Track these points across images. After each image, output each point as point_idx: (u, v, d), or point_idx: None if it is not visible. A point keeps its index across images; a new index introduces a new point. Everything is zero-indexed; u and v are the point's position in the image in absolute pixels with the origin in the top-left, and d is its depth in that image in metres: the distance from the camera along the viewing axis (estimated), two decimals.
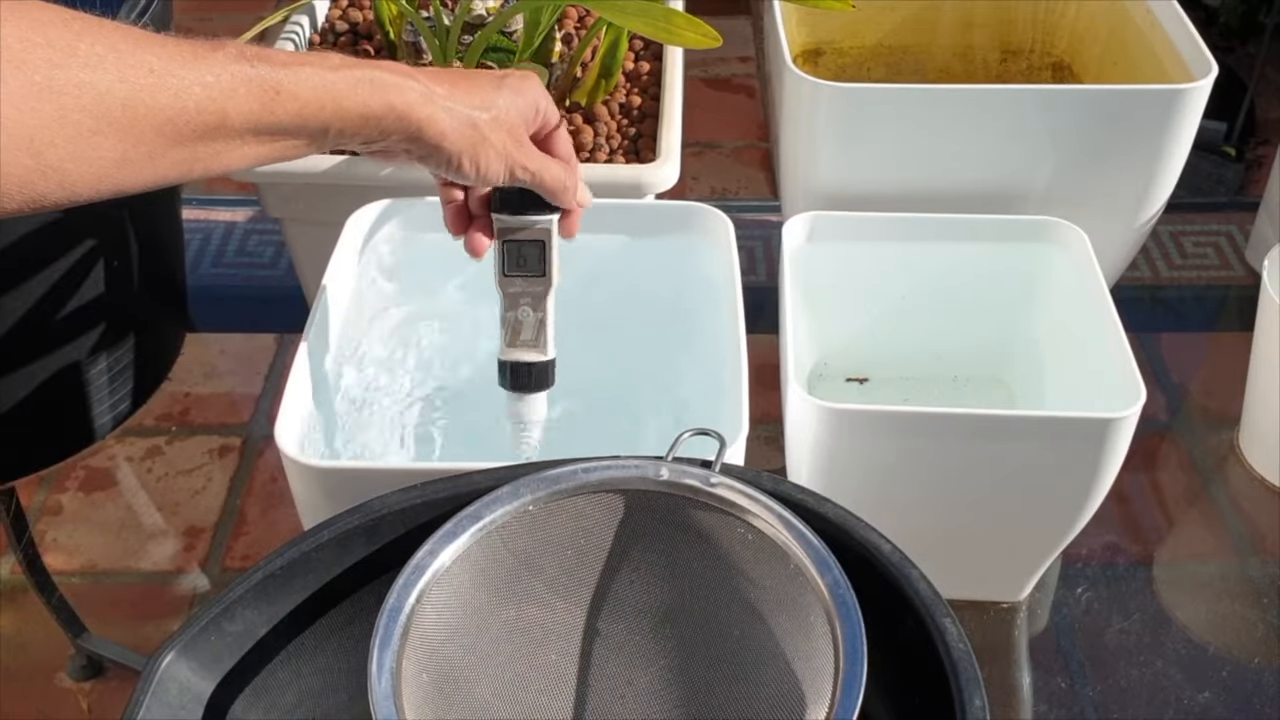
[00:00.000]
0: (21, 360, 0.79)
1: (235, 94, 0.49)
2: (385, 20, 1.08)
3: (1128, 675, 0.94)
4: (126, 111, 0.46)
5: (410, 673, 0.53)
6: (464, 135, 0.59)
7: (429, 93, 0.57)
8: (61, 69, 0.44)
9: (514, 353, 0.70)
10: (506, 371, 0.71)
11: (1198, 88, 0.99)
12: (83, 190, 0.46)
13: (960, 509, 0.88)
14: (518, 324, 0.70)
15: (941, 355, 1.07)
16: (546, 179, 0.65)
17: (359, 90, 0.54)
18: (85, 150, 0.45)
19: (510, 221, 0.68)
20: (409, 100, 0.56)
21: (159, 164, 0.48)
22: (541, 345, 0.70)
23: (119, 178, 0.47)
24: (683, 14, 0.84)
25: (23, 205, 0.44)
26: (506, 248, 0.69)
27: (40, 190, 0.44)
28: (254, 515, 1.07)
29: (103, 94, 0.45)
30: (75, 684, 0.94)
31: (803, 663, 0.54)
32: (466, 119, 0.59)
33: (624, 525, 0.59)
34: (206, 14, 1.67)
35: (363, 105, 0.55)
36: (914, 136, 1.01)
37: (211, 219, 1.39)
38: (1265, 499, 1.08)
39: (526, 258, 0.69)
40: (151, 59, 0.46)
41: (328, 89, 0.53)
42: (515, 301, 0.70)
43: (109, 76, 0.45)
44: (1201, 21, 1.48)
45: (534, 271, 0.69)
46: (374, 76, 0.55)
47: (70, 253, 0.78)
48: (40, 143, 0.43)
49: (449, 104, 0.58)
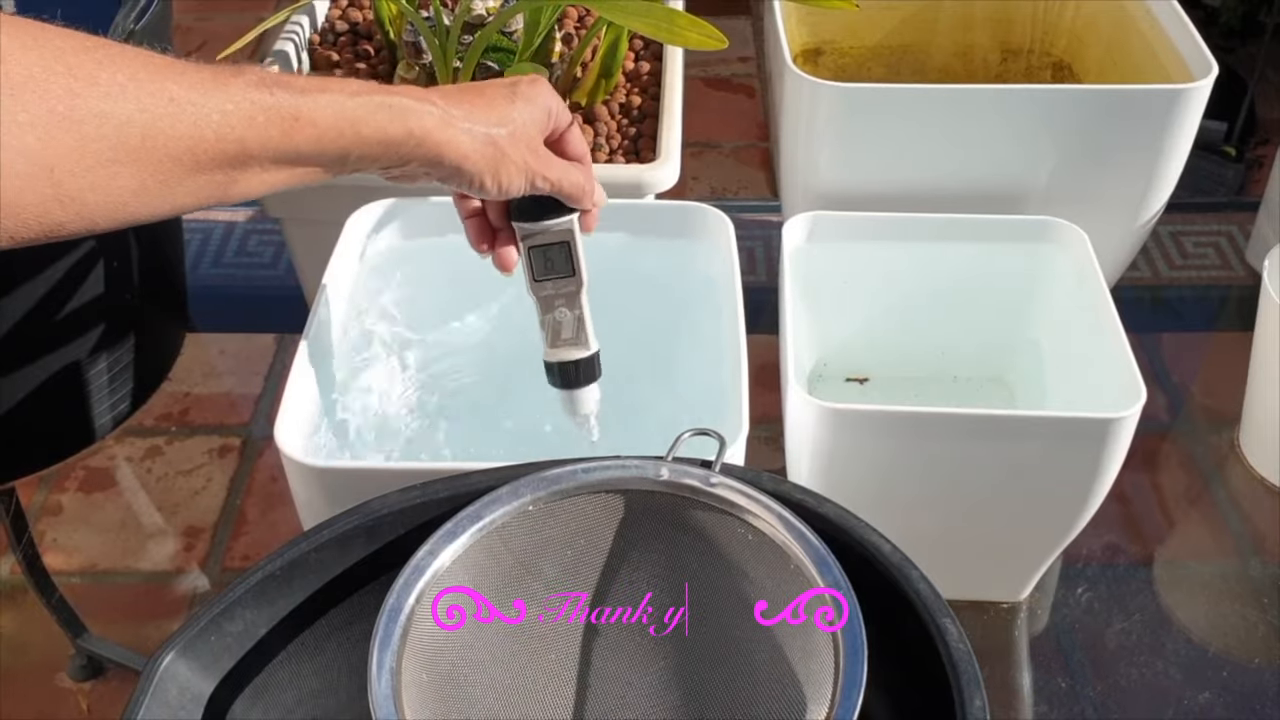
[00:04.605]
0: (21, 360, 0.79)
1: (254, 121, 0.49)
2: (385, 20, 1.08)
3: (1128, 675, 0.94)
4: (146, 141, 0.45)
5: (410, 673, 0.53)
6: (484, 155, 0.59)
7: (447, 116, 0.57)
8: (82, 98, 0.43)
9: (558, 353, 0.71)
10: (555, 371, 0.71)
11: (1198, 88, 0.99)
12: (101, 219, 0.46)
13: (960, 509, 0.88)
14: (557, 325, 0.70)
15: (942, 355, 1.07)
16: (566, 185, 0.65)
17: (378, 116, 0.54)
18: (104, 180, 0.45)
19: (533, 228, 0.68)
20: (427, 125, 0.56)
21: (177, 192, 0.48)
22: (583, 341, 0.71)
23: (136, 206, 0.47)
24: (685, 14, 0.84)
25: (40, 234, 0.44)
26: (533, 254, 0.69)
27: (58, 219, 0.44)
28: (254, 515, 1.07)
29: (123, 124, 0.44)
30: (75, 684, 0.94)
31: (803, 663, 0.54)
32: (485, 138, 0.59)
33: (624, 525, 0.59)
34: (206, 14, 1.67)
35: (381, 131, 0.54)
36: (914, 136, 1.01)
37: (211, 219, 1.39)
38: (1265, 499, 1.08)
39: (554, 260, 0.69)
40: (172, 87, 0.46)
41: (346, 115, 0.53)
42: (550, 304, 0.70)
43: (129, 106, 0.45)
44: (1202, 21, 1.48)
45: (564, 272, 0.69)
46: (392, 102, 0.55)
47: (70, 253, 0.78)
48: (60, 172, 0.43)
49: (467, 125, 0.58)
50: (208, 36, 1.64)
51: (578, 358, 0.71)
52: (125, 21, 0.79)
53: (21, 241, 0.44)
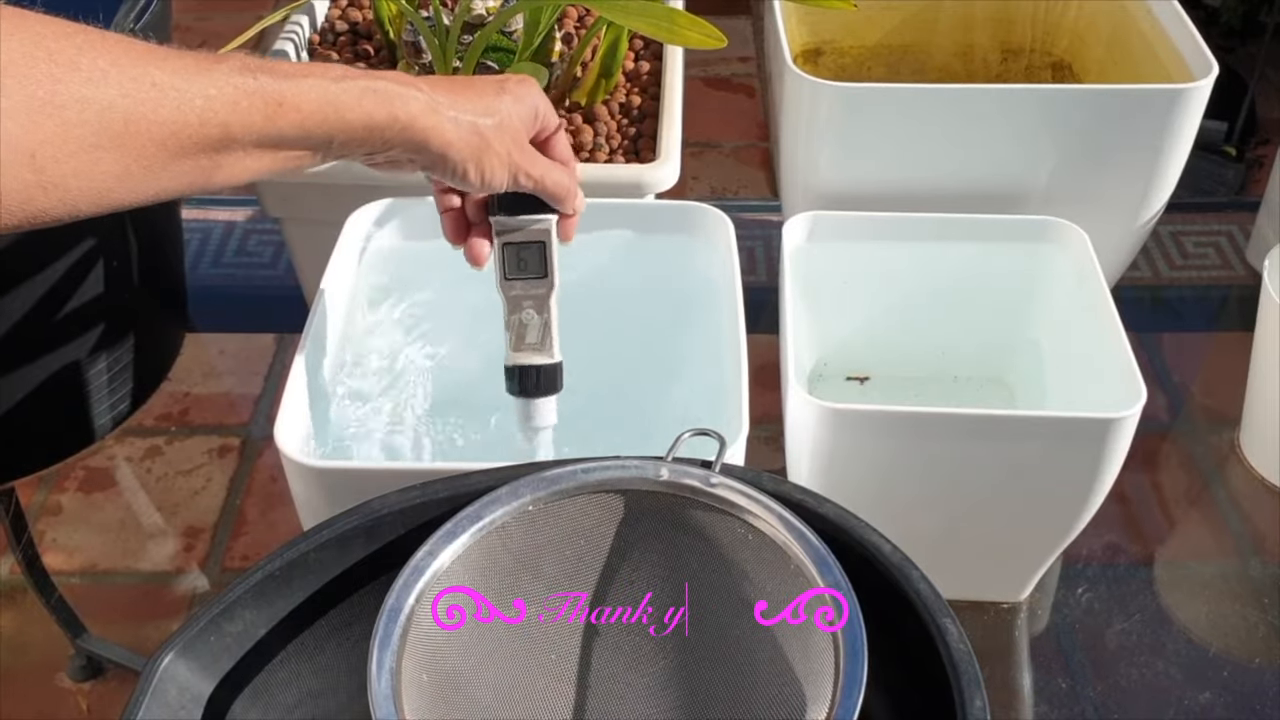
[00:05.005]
0: (21, 360, 0.79)
1: (237, 106, 0.49)
2: (385, 20, 1.08)
3: (1128, 676, 0.94)
4: (129, 126, 0.45)
5: (410, 673, 0.53)
6: (469, 143, 0.59)
7: (433, 102, 0.57)
8: (64, 84, 0.43)
9: (520, 357, 0.70)
10: (514, 376, 0.70)
11: (1198, 87, 0.99)
12: (84, 205, 0.46)
13: (960, 509, 0.88)
14: (522, 327, 0.70)
15: (942, 355, 1.07)
16: (549, 184, 0.65)
17: (363, 101, 0.54)
18: (87, 165, 0.44)
19: (509, 223, 0.68)
20: (413, 111, 0.56)
21: (161, 177, 0.48)
22: (547, 348, 0.70)
23: (120, 192, 0.47)
24: (685, 14, 0.84)
25: (23, 220, 0.44)
26: (506, 251, 0.69)
27: (41, 205, 0.44)
28: (254, 515, 1.07)
29: (105, 109, 0.44)
30: (75, 684, 0.94)
31: (803, 663, 0.54)
32: (471, 127, 0.59)
33: (624, 525, 0.59)
34: (206, 13, 1.67)
35: (367, 116, 0.54)
36: (914, 136, 1.01)
37: (211, 219, 1.39)
38: (1266, 499, 1.08)
39: (527, 260, 0.69)
40: (155, 72, 0.46)
41: (331, 100, 0.53)
42: (518, 305, 0.70)
43: (111, 91, 0.45)
44: (1202, 21, 1.48)
45: (535, 274, 0.69)
46: (378, 87, 0.55)
47: (70, 253, 0.78)
48: (42, 158, 0.43)
49: (453, 113, 0.58)
50: (207, 36, 1.64)
51: (539, 364, 0.70)
52: (125, 20, 0.79)
53: (5, 228, 0.44)
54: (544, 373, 0.70)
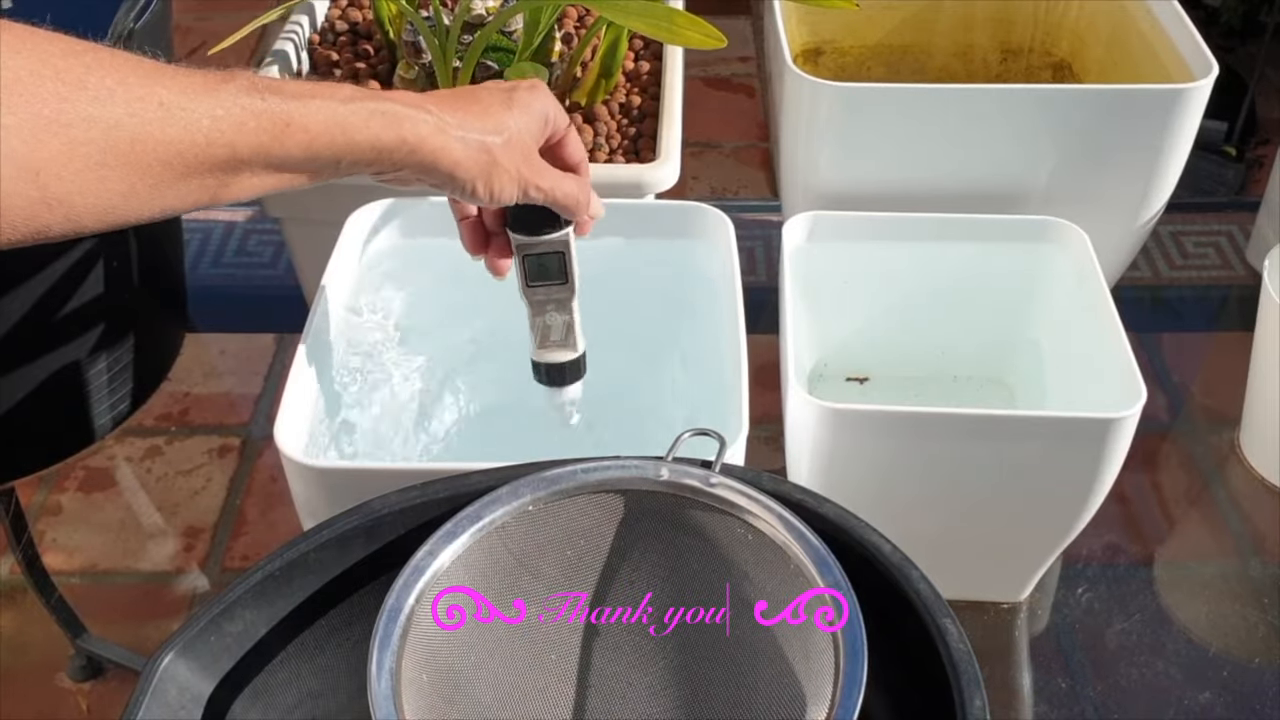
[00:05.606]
0: (21, 360, 0.79)
1: (244, 127, 0.49)
2: (385, 20, 1.08)
3: (1128, 676, 0.94)
4: (135, 145, 0.45)
5: (410, 673, 0.53)
6: (477, 162, 0.59)
7: (441, 123, 0.57)
8: (70, 102, 0.43)
9: (546, 354, 0.72)
10: (542, 371, 0.73)
11: (1198, 87, 0.99)
12: (88, 222, 0.45)
13: (960, 509, 0.88)
14: (546, 328, 0.72)
15: (942, 355, 1.07)
16: (559, 196, 0.64)
17: (371, 123, 0.54)
18: (92, 183, 0.44)
19: (527, 240, 0.69)
20: (421, 133, 0.56)
21: (166, 196, 0.48)
22: (571, 344, 0.72)
23: (125, 210, 0.46)
24: (685, 13, 0.84)
25: (27, 236, 0.44)
26: (527, 261, 0.69)
27: (45, 222, 0.44)
28: (254, 515, 1.07)
29: (111, 128, 0.44)
30: (75, 684, 0.94)
31: (803, 663, 0.54)
32: (479, 145, 0.59)
33: (624, 525, 0.59)
34: (206, 14, 1.67)
35: (374, 138, 0.54)
36: (914, 136, 1.01)
37: (211, 219, 1.39)
38: (1266, 499, 1.08)
39: (548, 267, 0.70)
40: (162, 92, 0.46)
41: (339, 122, 0.53)
42: (541, 308, 0.71)
43: (118, 110, 0.44)
44: (1202, 21, 1.48)
45: (556, 280, 0.70)
46: (386, 109, 0.54)
47: (70, 253, 0.78)
48: (46, 176, 0.43)
49: (460, 132, 0.58)
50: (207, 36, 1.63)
51: (564, 359, 0.72)
52: (124, 21, 0.78)
53: (9, 243, 0.44)
54: (569, 366, 0.73)
